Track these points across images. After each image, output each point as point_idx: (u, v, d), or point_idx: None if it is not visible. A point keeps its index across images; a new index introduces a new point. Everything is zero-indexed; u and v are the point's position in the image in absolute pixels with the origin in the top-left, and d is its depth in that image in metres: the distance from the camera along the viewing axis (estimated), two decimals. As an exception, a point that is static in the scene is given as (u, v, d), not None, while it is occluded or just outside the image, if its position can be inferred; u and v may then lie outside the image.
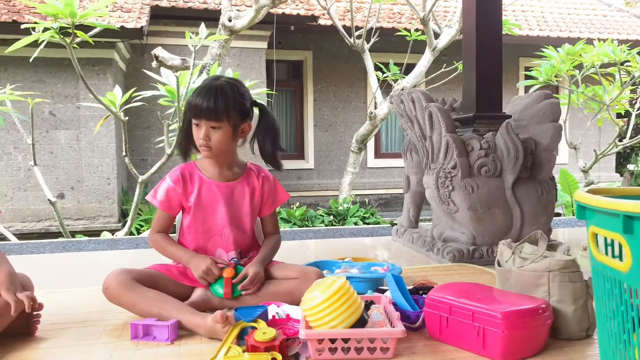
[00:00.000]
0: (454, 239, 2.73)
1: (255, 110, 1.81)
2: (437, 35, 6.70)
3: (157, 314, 1.56)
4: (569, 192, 6.13)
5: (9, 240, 4.37)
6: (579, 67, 5.46)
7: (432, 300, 1.48)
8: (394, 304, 1.58)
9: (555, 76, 5.27)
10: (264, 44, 7.50)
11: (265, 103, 2.14)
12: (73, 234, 5.10)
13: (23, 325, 1.52)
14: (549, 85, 5.38)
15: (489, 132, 2.72)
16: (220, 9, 5.77)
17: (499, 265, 1.67)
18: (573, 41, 5.51)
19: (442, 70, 6.91)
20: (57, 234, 5.31)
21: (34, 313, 1.54)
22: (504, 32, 3.71)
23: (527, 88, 5.99)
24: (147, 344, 1.47)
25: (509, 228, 2.66)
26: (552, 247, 1.62)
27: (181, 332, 1.53)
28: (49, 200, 4.53)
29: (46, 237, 5.19)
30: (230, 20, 5.57)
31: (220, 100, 1.63)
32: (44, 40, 3.58)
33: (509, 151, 2.61)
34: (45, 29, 3.54)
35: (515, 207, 2.63)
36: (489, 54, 2.92)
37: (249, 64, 7.43)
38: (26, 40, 3.50)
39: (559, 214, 5.86)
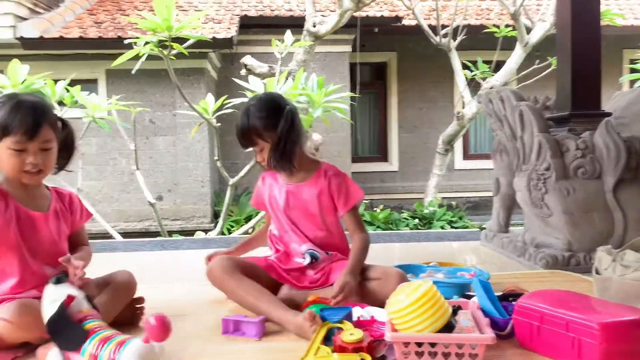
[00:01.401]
0: (547, 245, 2.59)
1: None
2: (528, 30, 6.38)
3: (251, 303, 1.66)
4: (682, 195, 5.56)
5: (114, 238, 4.76)
6: (694, 57, 4.95)
7: (523, 308, 1.42)
8: (482, 310, 1.53)
9: (665, 68, 4.81)
10: (347, 48, 7.55)
11: (348, 106, 2.24)
12: (170, 233, 5.45)
13: (128, 317, 1.66)
14: (657, 78, 4.92)
15: (586, 131, 2.55)
16: (305, 16, 5.91)
17: (597, 273, 1.56)
18: (686, 29, 5.01)
19: (535, 66, 6.56)
20: (156, 233, 5.69)
21: (137, 306, 1.68)
22: (604, 23, 3.47)
23: (631, 83, 5.52)
24: (237, 339, 1.55)
25: (609, 234, 2.47)
26: (659, 254, 1.49)
27: (268, 328, 1.59)
28: (149, 202, 4.88)
29: (146, 236, 5.60)
30: (314, 26, 5.68)
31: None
32: (144, 54, 3.87)
33: (609, 151, 2.43)
34: (146, 43, 3.83)
35: (617, 211, 2.44)
36: (585, 48, 2.74)
37: (332, 68, 7.52)
38: (130, 54, 3.80)
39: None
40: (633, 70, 5.10)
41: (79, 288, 1.40)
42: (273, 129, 1.80)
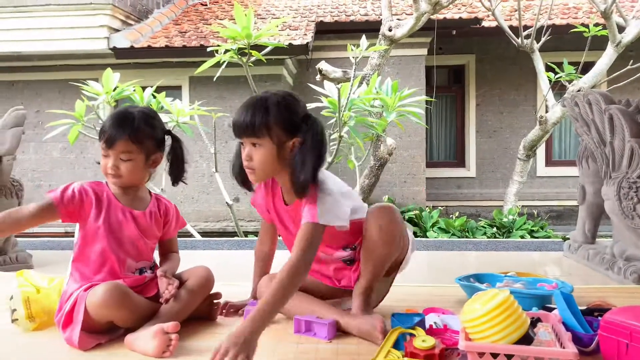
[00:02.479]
0: (639, 258, 2.40)
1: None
2: (621, 29, 5.96)
3: (307, 309, 1.67)
4: None
5: (194, 237, 4.98)
6: None
7: (609, 323, 1.33)
8: (564, 324, 1.45)
9: None
10: (423, 51, 7.44)
11: (423, 110, 2.06)
12: (246, 233, 5.62)
13: (206, 311, 1.74)
14: None
15: (687, 135, 2.35)
16: (381, 20, 5.88)
17: (697, 290, 1.43)
18: None
19: (628, 67, 6.11)
20: (233, 234, 5.89)
21: (215, 301, 1.75)
22: None
23: None
24: (308, 340, 1.56)
25: None
26: None
27: (338, 331, 1.60)
28: (226, 203, 5.06)
29: (224, 236, 5.81)
30: (390, 30, 5.65)
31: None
32: (225, 61, 4.02)
33: None
34: (226, 51, 3.99)
35: None
36: (687, 46, 2.51)
37: (407, 71, 7.43)
38: (212, 61, 3.98)
39: None
40: None
41: (165, 301, 1.56)
42: (290, 130, 1.53)
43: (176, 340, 1.44)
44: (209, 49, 4.22)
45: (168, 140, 1.73)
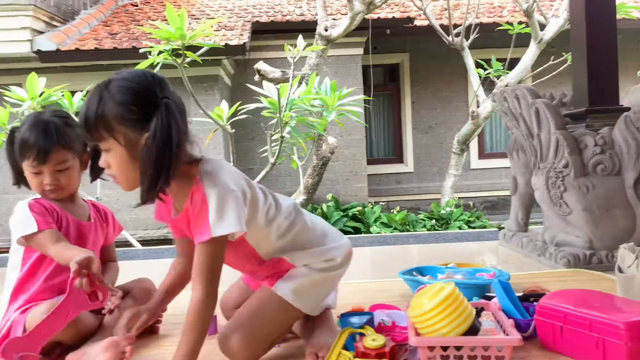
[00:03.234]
0: (568, 243, 2.56)
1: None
2: (542, 27, 6.31)
3: None
4: None
5: (134, 246, 4.81)
6: None
7: (545, 308, 1.40)
8: (504, 311, 1.51)
9: (685, 60, 4.72)
10: (359, 50, 7.55)
11: (362, 109, 1.98)
12: (188, 240, 5.47)
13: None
14: (676, 71, 4.83)
15: (605, 127, 2.51)
16: (317, 20, 5.92)
17: (620, 271, 1.53)
18: None
19: (550, 63, 6.48)
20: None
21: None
22: (620, 17, 3.41)
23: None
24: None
25: (631, 231, 2.43)
26: (684, 251, 1.46)
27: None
28: (166, 209, 4.90)
29: (165, 244, 5.64)
30: (326, 30, 5.69)
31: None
32: (159, 63, 3.91)
33: (629, 146, 2.39)
34: (160, 52, 3.87)
35: (639, 207, 2.40)
36: (601, 42, 2.70)
37: (345, 71, 7.52)
38: (144, 64, 3.84)
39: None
40: (651, 64, 5.00)
41: (109, 312, 1.44)
42: (138, 123, 1.18)
43: (130, 354, 1.35)
44: (141, 51, 4.08)
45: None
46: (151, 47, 3.92)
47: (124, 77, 1.21)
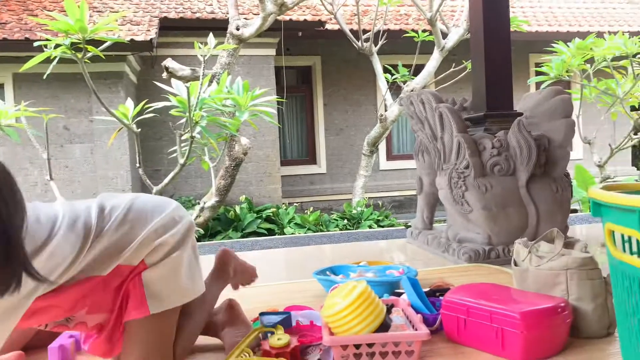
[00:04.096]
0: (469, 240, 2.72)
1: None
2: (445, 35, 6.68)
3: None
4: (585, 188, 6.06)
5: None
6: (590, 61, 5.40)
7: (450, 302, 1.48)
8: (412, 307, 1.58)
9: (567, 71, 5.21)
10: (272, 51, 7.54)
11: (275, 110, 1.87)
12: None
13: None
14: (560, 80, 5.32)
15: (501, 130, 2.71)
16: (228, 18, 5.82)
17: (515, 264, 1.65)
18: (583, 35, 5.46)
19: (452, 70, 6.88)
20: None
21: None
22: (512, 29, 3.69)
23: (538, 84, 5.92)
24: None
25: (524, 227, 2.63)
26: (569, 244, 1.60)
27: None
28: (66, 213, 4.57)
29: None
30: (238, 29, 5.61)
31: None
32: (56, 57, 3.63)
33: (521, 149, 2.59)
34: (57, 45, 3.60)
35: (531, 205, 2.61)
36: (497, 52, 2.91)
37: (258, 71, 7.47)
38: (39, 57, 3.55)
39: (575, 211, 5.79)
40: (539, 73, 5.48)
41: None
42: None
43: None
44: (36, 44, 3.77)
45: None
46: (47, 39, 3.63)
47: None
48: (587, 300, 1.46)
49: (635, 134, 6.48)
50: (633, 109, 6.96)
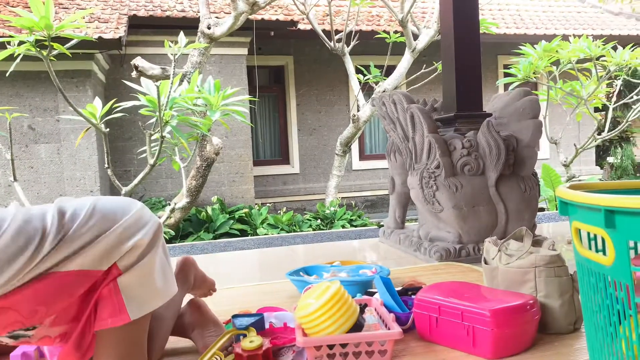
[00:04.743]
0: (440, 239, 2.75)
1: None
2: (416, 37, 6.75)
3: None
4: (551, 186, 6.21)
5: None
6: (556, 63, 5.54)
7: (421, 301, 1.49)
8: (385, 306, 1.58)
9: (534, 73, 5.33)
10: (244, 51, 7.49)
11: (247, 109, 1.87)
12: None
13: None
14: (527, 82, 5.45)
15: (471, 131, 2.75)
16: (199, 17, 5.75)
17: (485, 263, 1.68)
18: (549, 38, 5.60)
19: (423, 71, 6.96)
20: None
21: None
22: (481, 32, 3.75)
23: (506, 86, 6.04)
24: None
25: (494, 225, 2.68)
26: (537, 242, 1.64)
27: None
28: (31, 215, 4.44)
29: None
30: (209, 28, 5.55)
31: None
32: (19, 54, 3.52)
33: (490, 149, 2.63)
34: (21, 42, 3.49)
35: (500, 204, 2.66)
36: (467, 54, 2.95)
37: (229, 70, 7.41)
38: (3, 54, 3.44)
39: (542, 209, 5.93)
40: (507, 75, 5.59)
41: None
42: None
43: None
44: (-2, 40, 3.65)
45: None
46: (10, 36, 3.52)
47: None
48: (555, 297, 1.49)
49: (599, 134, 6.67)
50: (597, 110, 7.18)
